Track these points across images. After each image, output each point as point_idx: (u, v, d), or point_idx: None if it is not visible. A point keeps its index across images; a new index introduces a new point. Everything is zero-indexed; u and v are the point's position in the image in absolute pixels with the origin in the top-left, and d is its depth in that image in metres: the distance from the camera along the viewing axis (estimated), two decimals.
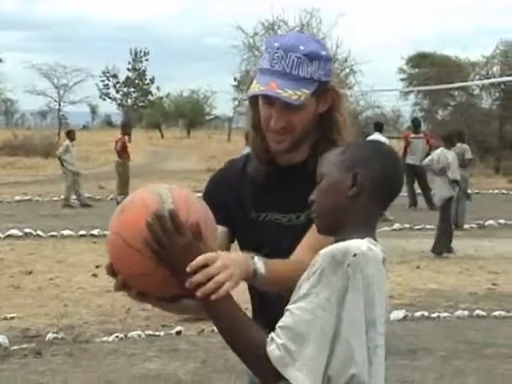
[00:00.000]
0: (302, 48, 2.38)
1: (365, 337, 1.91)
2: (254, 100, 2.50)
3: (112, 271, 2.05)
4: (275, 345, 1.88)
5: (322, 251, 1.92)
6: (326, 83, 2.42)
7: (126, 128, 18.88)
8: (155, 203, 2.00)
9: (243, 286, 2.14)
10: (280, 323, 1.91)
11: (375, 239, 2.02)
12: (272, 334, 1.90)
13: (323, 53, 2.41)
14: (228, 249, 2.49)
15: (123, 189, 16.99)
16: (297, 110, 2.38)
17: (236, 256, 2.07)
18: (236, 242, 2.60)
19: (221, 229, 2.40)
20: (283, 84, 2.35)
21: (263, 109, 2.44)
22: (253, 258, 2.10)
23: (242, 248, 2.52)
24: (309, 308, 1.88)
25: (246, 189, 2.54)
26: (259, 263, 2.10)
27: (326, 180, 2.08)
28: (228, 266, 1.96)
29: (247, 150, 2.68)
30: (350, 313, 1.88)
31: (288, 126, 2.40)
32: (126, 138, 18.11)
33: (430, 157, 13.01)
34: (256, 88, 2.38)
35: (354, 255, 1.89)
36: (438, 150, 12.67)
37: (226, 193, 2.56)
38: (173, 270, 1.96)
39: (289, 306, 1.92)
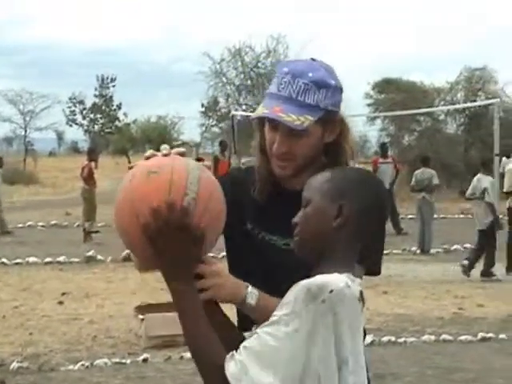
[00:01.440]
0: (310, 75, 2.37)
1: (337, 375, 1.89)
2: (260, 123, 2.50)
3: None
4: (234, 361, 1.88)
5: (301, 282, 1.90)
6: (333, 113, 2.40)
7: (93, 154, 18.80)
8: (180, 188, 2.00)
9: None
10: (245, 343, 1.90)
11: (354, 274, 2.00)
12: (233, 352, 1.89)
13: (332, 82, 2.40)
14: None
15: (90, 215, 16.89)
16: (300, 136, 2.37)
17: (231, 278, 2.19)
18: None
19: None
20: (287, 109, 2.34)
21: (268, 133, 2.44)
22: (247, 287, 2.19)
23: (231, 256, 2.57)
24: (276, 335, 1.86)
25: (248, 202, 2.53)
26: (251, 295, 2.18)
27: (311, 207, 2.06)
28: (219, 276, 2.09)
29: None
30: (320, 349, 1.86)
31: (290, 151, 2.39)
32: (93, 164, 18.03)
33: (471, 185, 13.10)
34: (260, 111, 2.39)
35: (331, 291, 1.87)
36: (477, 177, 12.87)
37: (229, 195, 2.46)
38: (159, 256, 2.02)
39: (257, 329, 1.91)
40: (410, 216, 18.39)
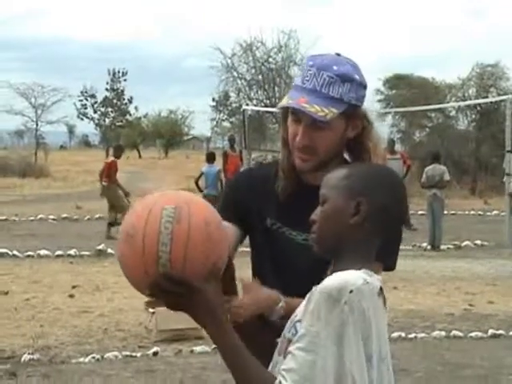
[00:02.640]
0: (335, 68, 2.38)
1: (366, 373, 1.90)
2: (285, 116, 2.50)
3: None
4: None
5: (318, 288, 1.90)
6: (356, 107, 2.41)
7: (119, 151, 18.12)
8: (152, 253, 1.94)
9: None
10: (284, 366, 1.89)
11: (372, 269, 2.00)
12: (279, 378, 1.88)
13: (356, 77, 2.40)
14: (235, 249, 2.49)
15: (120, 209, 16.36)
16: (323, 129, 2.38)
17: (264, 290, 2.28)
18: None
19: (232, 227, 2.46)
20: (311, 100, 2.36)
21: (291, 125, 2.44)
22: (280, 300, 2.26)
23: (255, 254, 2.58)
24: (309, 348, 1.86)
25: (269, 198, 2.52)
26: (282, 306, 2.25)
27: (328, 204, 2.05)
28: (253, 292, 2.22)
29: (205, 168, 2.70)
30: (350, 350, 1.87)
31: (312, 144, 2.40)
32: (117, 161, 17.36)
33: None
34: (285, 102, 2.40)
35: (351, 291, 1.87)
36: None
37: (248, 193, 2.55)
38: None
39: (290, 348, 1.91)
40: (421, 212, 18.35)
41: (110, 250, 13.71)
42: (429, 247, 15.42)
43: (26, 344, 7.77)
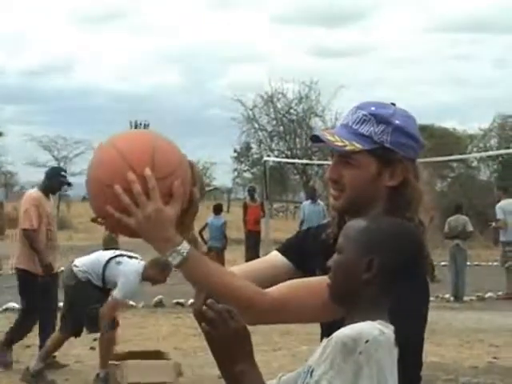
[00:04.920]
0: (372, 108, 2.37)
1: None
2: None
3: None
4: None
5: (335, 336, 1.92)
6: (391, 152, 2.35)
7: None
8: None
9: None
10: None
11: (387, 320, 2.00)
12: None
13: (396, 122, 2.36)
14: (280, 281, 2.39)
15: None
16: (351, 165, 2.35)
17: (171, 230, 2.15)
18: None
19: (285, 261, 2.52)
20: (337, 132, 2.37)
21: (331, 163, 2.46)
22: (179, 244, 2.14)
23: None
24: None
25: (317, 252, 2.49)
26: (177, 254, 2.14)
27: (343, 255, 2.07)
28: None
29: (210, 219, 2.74)
30: None
31: (339, 179, 2.38)
32: None
33: None
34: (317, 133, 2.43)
35: (366, 341, 1.88)
36: None
37: (312, 243, 2.56)
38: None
39: None
40: (443, 263, 18.26)
41: (131, 302, 13.69)
42: (452, 298, 15.31)
43: None
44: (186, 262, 2.13)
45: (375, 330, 1.91)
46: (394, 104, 2.44)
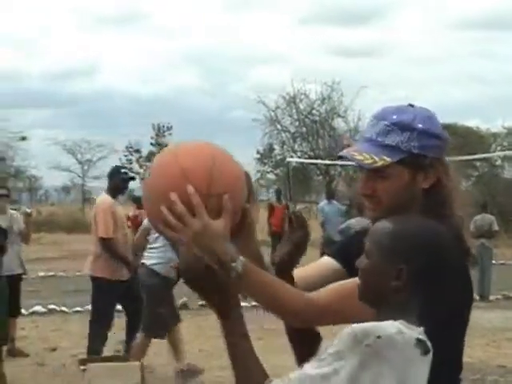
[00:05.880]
0: (394, 117, 2.36)
1: None
2: None
3: None
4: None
5: (350, 327, 1.92)
6: (421, 156, 2.35)
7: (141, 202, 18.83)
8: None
9: None
10: (291, 374, 1.94)
11: (413, 320, 1.98)
12: (277, 379, 1.95)
13: (419, 125, 2.35)
14: (330, 281, 2.47)
15: None
16: (383, 178, 2.35)
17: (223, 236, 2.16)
18: None
19: (336, 265, 2.56)
20: (362, 148, 2.36)
21: (361, 176, 2.45)
22: (238, 257, 2.16)
23: None
24: (317, 372, 1.89)
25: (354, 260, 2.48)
26: (239, 261, 2.16)
27: (370, 262, 2.07)
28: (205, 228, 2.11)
29: None
30: None
31: (374, 194, 2.38)
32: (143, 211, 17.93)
33: None
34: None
35: (378, 337, 1.88)
36: None
37: (352, 245, 2.55)
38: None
39: (305, 364, 1.95)
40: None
41: None
42: (478, 298, 15.22)
43: None
44: (241, 278, 2.17)
45: (392, 329, 1.91)
46: (412, 105, 2.43)
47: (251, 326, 2.22)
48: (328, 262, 2.65)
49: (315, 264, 2.72)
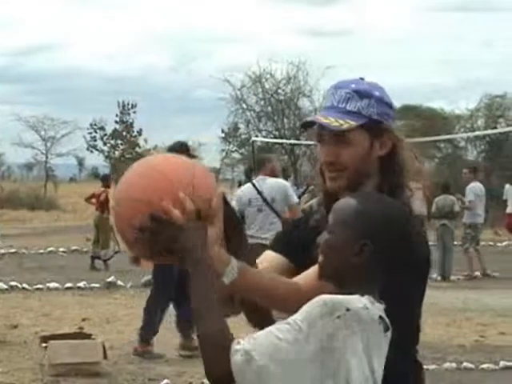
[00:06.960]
0: (352, 86, 2.42)
1: None
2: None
3: None
4: (240, 351, 1.90)
5: (321, 296, 1.94)
6: (379, 122, 2.40)
7: (108, 180, 18.85)
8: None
9: None
10: (254, 334, 1.94)
11: (375, 297, 2.02)
12: (242, 340, 1.92)
13: (376, 93, 2.42)
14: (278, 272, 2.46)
15: (107, 243, 16.90)
16: (345, 143, 2.37)
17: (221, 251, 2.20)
18: None
19: (283, 260, 2.50)
20: (327, 114, 2.39)
21: (317, 148, 2.46)
22: (229, 264, 2.19)
23: None
24: (287, 337, 1.90)
25: (309, 239, 2.41)
26: (234, 264, 2.19)
27: (333, 237, 2.08)
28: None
29: None
30: (340, 360, 1.90)
31: (337, 160, 2.39)
32: (109, 190, 17.79)
33: None
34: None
35: (347, 310, 1.91)
36: None
37: (301, 231, 2.55)
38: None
39: (272, 326, 1.95)
40: (430, 243, 18.32)
41: (119, 282, 13.70)
42: (439, 278, 15.36)
43: (36, 378, 7.75)
44: (236, 281, 2.20)
45: (359, 303, 1.94)
46: (362, 78, 2.49)
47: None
48: (271, 256, 2.56)
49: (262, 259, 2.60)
